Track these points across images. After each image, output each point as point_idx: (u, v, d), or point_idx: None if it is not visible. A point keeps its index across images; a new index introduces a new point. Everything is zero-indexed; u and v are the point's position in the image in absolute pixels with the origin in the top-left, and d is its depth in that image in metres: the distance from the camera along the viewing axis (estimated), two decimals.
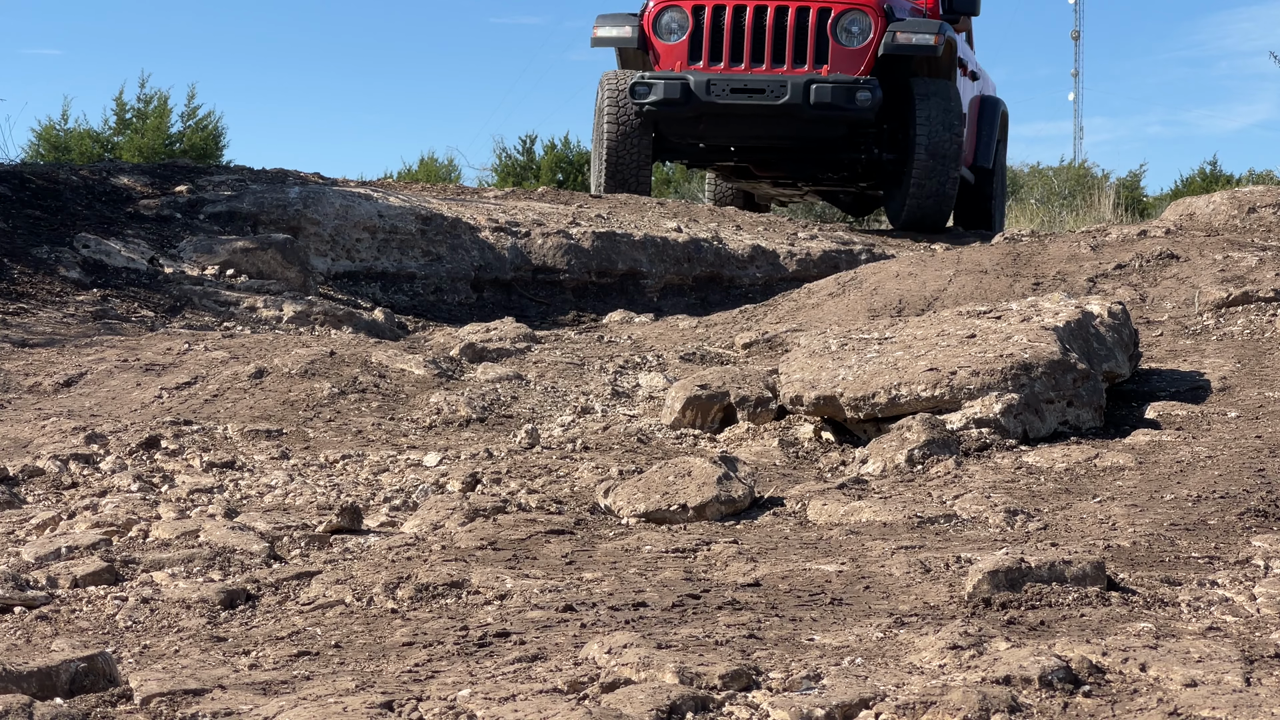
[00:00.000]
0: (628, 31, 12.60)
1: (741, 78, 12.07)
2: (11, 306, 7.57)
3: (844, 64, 12.21)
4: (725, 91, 12.03)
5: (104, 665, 2.79)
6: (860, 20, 12.32)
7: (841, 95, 11.84)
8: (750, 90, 12.04)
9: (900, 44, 12.29)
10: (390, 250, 10.30)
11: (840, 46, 12.24)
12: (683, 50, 12.36)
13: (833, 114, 12.00)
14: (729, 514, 4.27)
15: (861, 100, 11.90)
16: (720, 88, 12.03)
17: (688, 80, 12.03)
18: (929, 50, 12.35)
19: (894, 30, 12.27)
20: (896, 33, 12.26)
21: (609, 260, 10.79)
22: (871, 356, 5.34)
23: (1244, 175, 18.78)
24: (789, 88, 11.91)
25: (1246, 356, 6.13)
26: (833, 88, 11.86)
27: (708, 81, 12.01)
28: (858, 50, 12.28)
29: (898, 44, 12.29)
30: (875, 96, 11.90)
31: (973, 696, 2.43)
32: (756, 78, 12.07)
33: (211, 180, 10.66)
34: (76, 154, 15.00)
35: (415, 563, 3.65)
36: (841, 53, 12.24)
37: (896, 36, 12.27)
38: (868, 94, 11.90)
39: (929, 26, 12.47)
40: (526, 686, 2.60)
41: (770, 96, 11.96)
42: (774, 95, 11.94)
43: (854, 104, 11.86)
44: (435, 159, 19.58)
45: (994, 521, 4.04)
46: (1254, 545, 3.61)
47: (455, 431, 5.59)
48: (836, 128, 12.41)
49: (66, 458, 5.06)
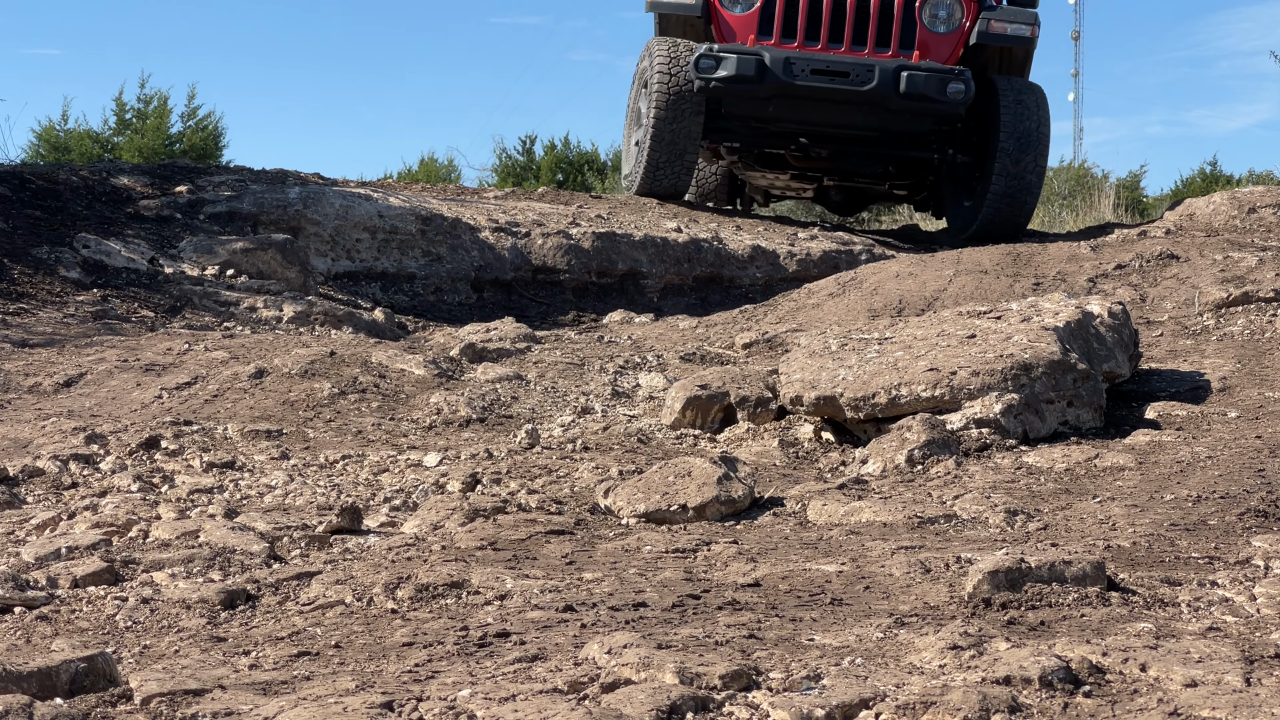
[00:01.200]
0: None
1: (824, 58, 10.86)
2: (11, 307, 7.57)
3: (931, 51, 11.08)
4: (806, 72, 10.81)
5: (104, 665, 2.79)
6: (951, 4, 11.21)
7: (934, 85, 10.68)
8: (834, 73, 10.83)
9: (994, 33, 11.20)
10: (390, 250, 10.31)
11: (928, 31, 11.11)
12: (752, 22, 11.16)
13: (922, 106, 10.86)
14: (729, 514, 4.27)
15: (953, 93, 10.76)
16: (801, 67, 10.80)
17: (763, 56, 10.79)
18: (1025, 42, 11.34)
19: (987, 18, 11.16)
20: (991, 20, 11.16)
21: (609, 260, 10.79)
22: (871, 357, 5.34)
23: (1244, 175, 18.77)
24: (877, 73, 10.73)
25: (1246, 356, 6.13)
26: (925, 76, 10.67)
27: (786, 60, 10.79)
28: (947, 37, 11.18)
29: (992, 33, 11.20)
30: (969, 90, 10.78)
31: (973, 696, 2.43)
32: (841, 59, 10.86)
33: (211, 180, 10.66)
34: (76, 154, 15.00)
35: (415, 563, 3.65)
36: (929, 39, 11.11)
37: (991, 25, 11.17)
38: (961, 86, 10.75)
39: (1025, 16, 11.30)
40: (526, 686, 2.60)
41: (855, 81, 10.78)
42: (860, 80, 10.76)
43: (945, 96, 10.72)
44: (435, 159, 19.58)
45: (994, 521, 4.04)
46: (1254, 545, 3.61)
47: (455, 432, 5.59)
48: (921, 121, 11.25)
49: (66, 458, 5.05)
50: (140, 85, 17.79)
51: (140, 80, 21.91)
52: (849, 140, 11.97)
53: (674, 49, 11.41)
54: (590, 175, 18.65)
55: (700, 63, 10.86)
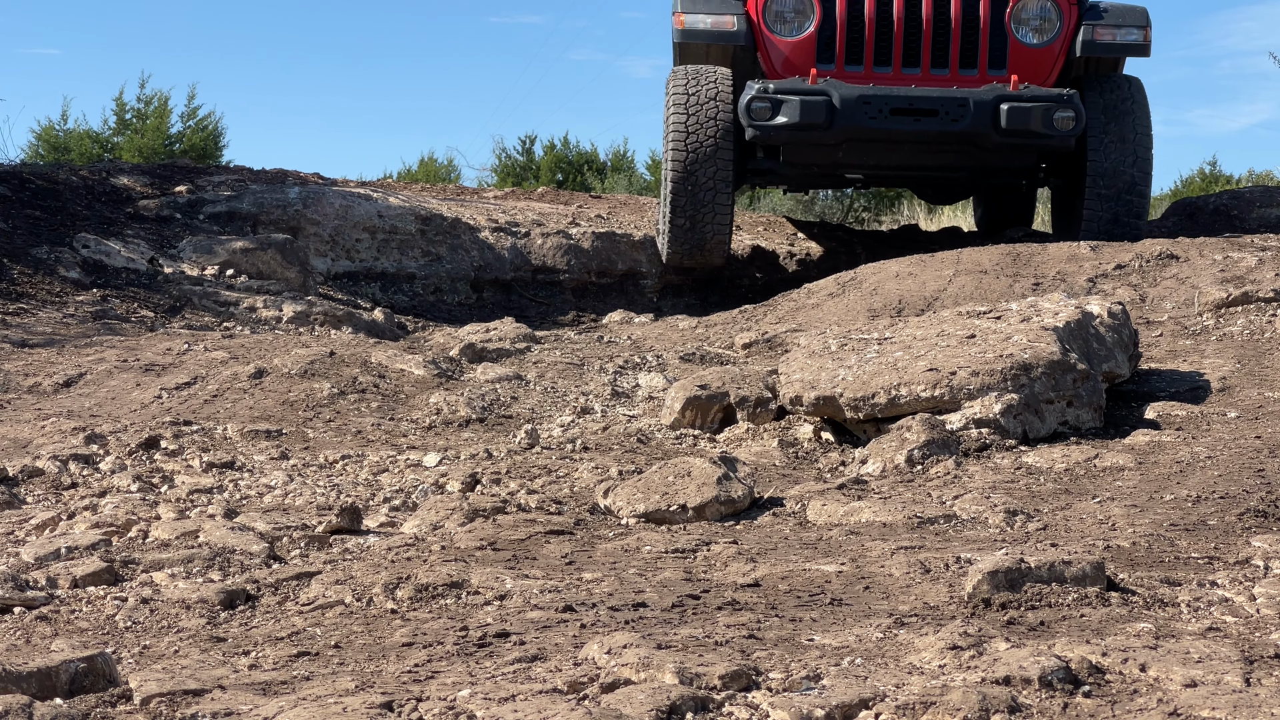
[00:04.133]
0: (730, 24, 9.33)
1: (906, 94, 8.85)
2: (11, 307, 7.57)
3: (1027, 69, 9.20)
4: (885, 113, 8.82)
5: (104, 665, 2.79)
6: (1048, 10, 9.25)
7: (1040, 118, 8.77)
8: (919, 111, 8.85)
9: (1103, 42, 9.32)
10: (390, 250, 10.31)
11: (1021, 45, 9.21)
12: (809, 47, 9.18)
13: (1026, 142, 8.98)
14: (729, 514, 4.27)
15: (1062, 122, 8.81)
16: (878, 106, 8.80)
17: (830, 95, 8.79)
18: (1139, 50, 9.42)
19: (1091, 24, 9.29)
20: (1096, 28, 9.27)
21: (609, 260, 10.80)
22: (871, 357, 5.34)
23: (1244, 175, 18.77)
24: (971, 107, 8.77)
25: (1246, 357, 6.13)
26: (1030, 108, 8.76)
27: (860, 98, 8.79)
28: (1045, 50, 9.27)
29: (1100, 42, 9.31)
30: (1080, 119, 8.85)
31: (973, 697, 2.43)
32: (927, 95, 8.86)
33: (211, 180, 10.66)
34: (76, 154, 14.99)
35: (415, 563, 3.65)
36: (1024, 54, 9.22)
37: (1097, 33, 9.26)
38: (1070, 114, 8.81)
39: (1134, 15, 9.40)
40: (526, 687, 2.60)
41: (946, 120, 8.81)
42: (952, 118, 8.80)
43: (1054, 130, 8.80)
44: (435, 159, 19.57)
45: (994, 522, 4.04)
46: (1254, 545, 3.60)
47: (455, 432, 5.59)
48: (1024, 157, 9.36)
49: (66, 458, 5.05)
50: (140, 85, 17.80)
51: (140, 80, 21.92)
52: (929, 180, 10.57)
53: (692, 82, 9.35)
54: (590, 175, 18.65)
55: (753, 107, 8.86)
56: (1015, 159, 9.35)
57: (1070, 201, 9.70)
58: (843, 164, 9.50)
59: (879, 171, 10.01)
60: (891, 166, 9.69)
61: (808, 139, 9.03)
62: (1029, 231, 11.11)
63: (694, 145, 9.17)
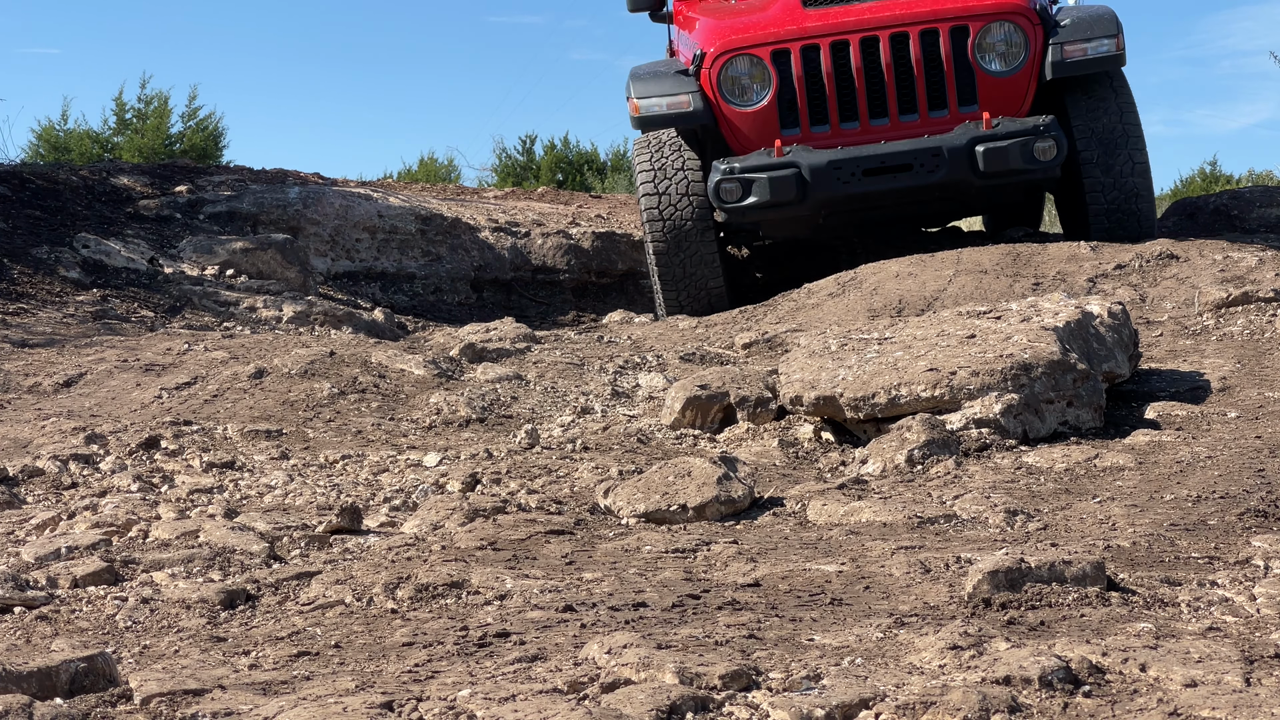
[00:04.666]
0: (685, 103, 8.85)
1: (875, 153, 8.48)
2: (11, 306, 7.57)
3: (998, 99, 8.75)
4: (857, 175, 8.46)
5: (104, 665, 2.79)
6: (1011, 34, 8.81)
7: (1019, 154, 8.37)
8: (892, 169, 8.51)
9: (1073, 60, 8.82)
10: (390, 250, 10.31)
11: (988, 76, 8.77)
12: (770, 115, 8.75)
13: (1008, 180, 8.63)
14: (729, 514, 4.27)
15: (1043, 153, 8.42)
16: (849, 170, 8.44)
17: (799, 167, 8.42)
18: (1113, 62, 8.92)
19: (1058, 43, 8.79)
20: (1064, 46, 8.78)
21: (609, 260, 10.80)
22: (871, 357, 5.34)
23: (1244, 175, 18.78)
24: (946, 155, 8.42)
25: (1246, 356, 6.13)
26: (1007, 146, 8.36)
27: (830, 165, 8.42)
28: (1014, 78, 8.82)
29: (1070, 61, 8.81)
30: (1061, 147, 8.44)
31: (973, 697, 2.43)
32: (897, 150, 8.49)
33: (211, 180, 10.67)
34: (76, 154, 14.99)
35: (415, 563, 3.65)
36: (992, 85, 8.77)
37: (1065, 51, 8.77)
38: (1050, 144, 8.42)
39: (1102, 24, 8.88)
40: (526, 686, 2.60)
41: (923, 173, 8.47)
42: (928, 170, 8.46)
43: (1036, 163, 8.42)
44: (435, 159, 19.57)
45: (994, 522, 4.04)
46: (1254, 545, 3.61)
47: (455, 432, 5.59)
48: (1010, 194, 9.20)
49: (66, 458, 5.06)
50: (140, 85, 17.79)
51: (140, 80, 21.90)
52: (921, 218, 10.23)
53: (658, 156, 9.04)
54: (590, 175, 18.65)
55: (722, 189, 8.49)
56: (1001, 196, 9.18)
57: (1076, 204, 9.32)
58: (825, 229, 9.30)
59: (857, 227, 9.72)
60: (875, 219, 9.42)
61: (783, 215, 8.75)
62: (1029, 231, 11.08)
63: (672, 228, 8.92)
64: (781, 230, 9.24)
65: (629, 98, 9.02)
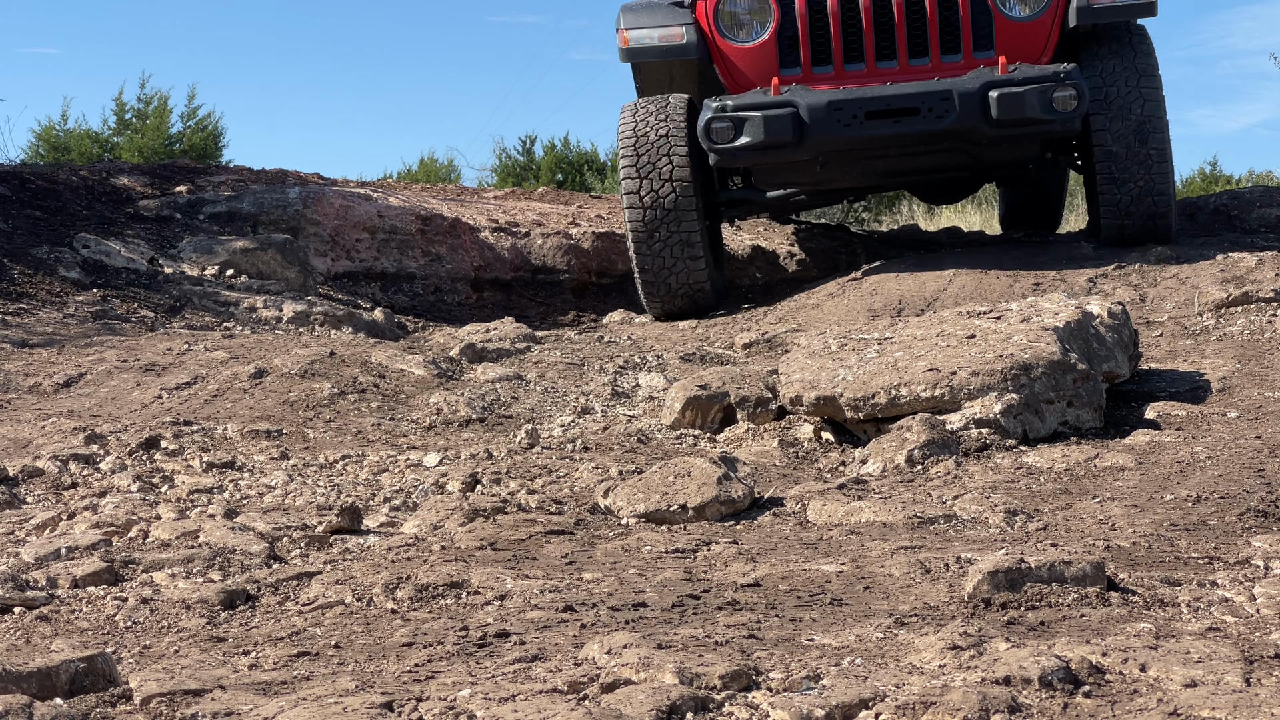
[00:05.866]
0: (678, 35, 8.31)
1: (880, 93, 7.88)
2: (11, 307, 7.57)
3: (1017, 46, 8.13)
4: (859, 119, 7.84)
5: (104, 665, 2.79)
6: None
7: (1036, 101, 7.75)
8: (897, 112, 7.88)
9: (1101, 6, 8.18)
10: (390, 250, 10.31)
11: (1007, 20, 8.16)
12: (770, 52, 8.20)
13: (1024, 131, 8.01)
14: (729, 514, 4.27)
15: (1063, 103, 7.80)
16: (851, 112, 7.83)
17: (797, 106, 7.84)
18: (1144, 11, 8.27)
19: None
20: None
21: (609, 260, 10.79)
22: (871, 357, 5.34)
23: (1244, 175, 18.77)
24: (956, 100, 7.80)
25: (1246, 357, 6.13)
26: (1024, 93, 7.75)
27: (829, 105, 7.81)
28: (1035, 23, 8.22)
29: (1096, 7, 8.18)
30: (1082, 97, 7.82)
31: (973, 697, 2.43)
32: (903, 92, 7.88)
33: (211, 180, 10.67)
34: (76, 154, 14.99)
35: (415, 563, 3.65)
36: (1011, 30, 8.16)
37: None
38: (1070, 92, 7.80)
39: None
40: (526, 686, 2.60)
41: (931, 118, 7.84)
42: (936, 115, 7.82)
43: (1054, 113, 7.80)
44: (435, 159, 19.55)
45: (994, 522, 4.04)
46: (1254, 545, 3.61)
47: (455, 432, 5.59)
48: (1026, 147, 8.40)
49: (66, 458, 5.05)
50: (140, 85, 17.78)
51: (140, 80, 21.90)
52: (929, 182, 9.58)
53: (642, 116, 8.34)
54: (590, 175, 18.64)
55: (713, 129, 7.88)
56: (1016, 151, 8.38)
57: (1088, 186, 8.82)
58: (824, 180, 8.55)
59: (867, 182, 9.03)
60: (879, 175, 8.73)
61: (779, 159, 8.09)
62: (1030, 232, 11.08)
63: (651, 203, 8.17)
64: (776, 179, 8.52)
65: (618, 29, 8.41)
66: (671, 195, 8.19)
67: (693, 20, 8.34)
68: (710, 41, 8.33)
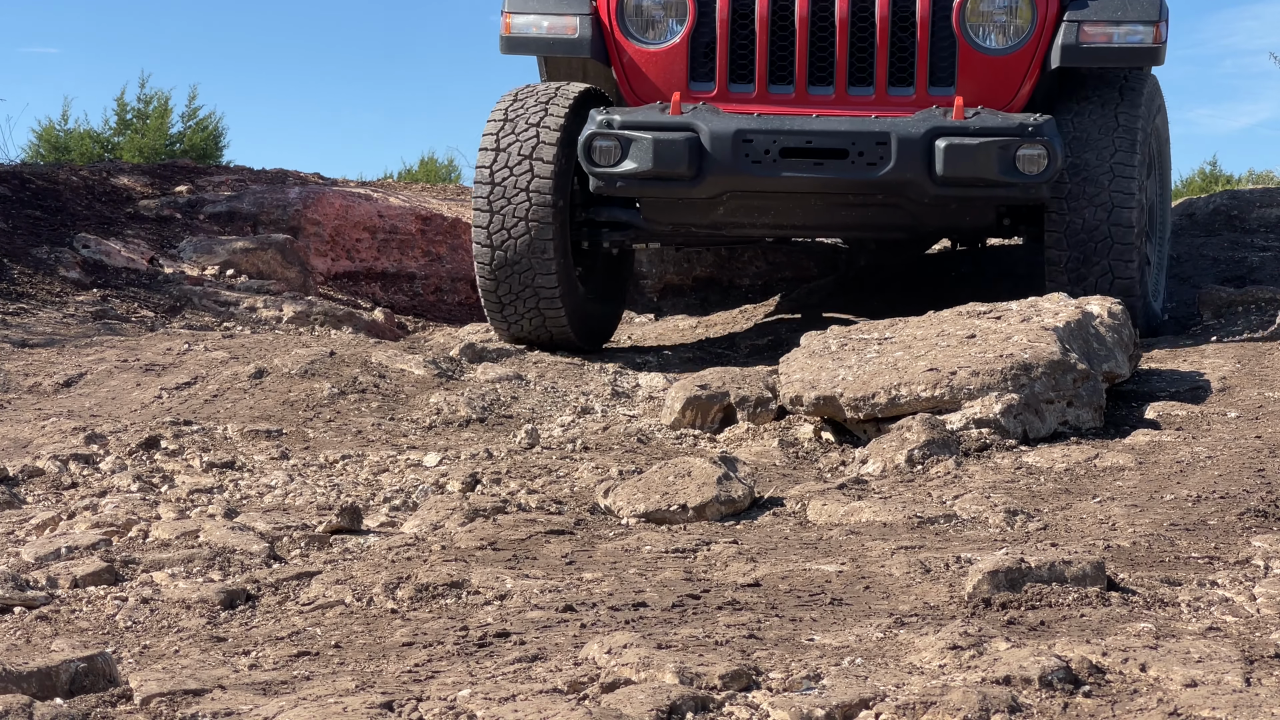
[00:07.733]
0: (570, 27, 6.69)
1: (801, 126, 6.24)
2: (11, 306, 7.57)
3: (985, 85, 6.46)
4: (772, 155, 6.19)
5: (104, 665, 2.79)
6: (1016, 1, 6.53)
7: (993, 159, 6.10)
8: (819, 152, 6.22)
9: (1090, 46, 6.51)
10: (390, 250, 10.31)
11: (976, 52, 6.49)
12: (679, 59, 6.57)
13: (976, 193, 6.29)
14: (729, 514, 4.27)
15: (1028, 163, 6.12)
16: (763, 146, 6.19)
17: (698, 131, 6.21)
18: (1145, 57, 6.60)
19: (1076, 20, 6.49)
20: (1083, 25, 6.46)
21: None
22: (871, 357, 5.34)
23: (1244, 175, 18.77)
24: (894, 146, 6.13)
25: (1246, 356, 6.13)
26: (981, 145, 6.09)
27: (737, 134, 6.19)
28: (1010, 58, 6.53)
29: (1085, 47, 6.50)
30: (1053, 156, 6.12)
31: (973, 696, 2.43)
32: (831, 128, 6.24)
33: (211, 180, 10.66)
34: (76, 154, 14.97)
35: (415, 563, 3.65)
36: (980, 65, 6.49)
37: (1084, 33, 6.45)
38: (1040, 151, 6.12)
39: (1139, 6, 6.52)
40: (526, 686, 2.60)
41: (860, 165, 6.18)
42: (867, 162, 6.17)
43: (1015, 175, 6.12)
44: (435, 159, 19.54)
45: (994, 521, 4.04)
46: (1254, 545, 3.61)
47: (455, 432, 5.59)
48: (978, 212, 6.60)
49: (66, 458, 5.05)
50: (141, 85, 17.75)
51: (141, 80, 21.87)
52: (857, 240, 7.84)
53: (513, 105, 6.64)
54: None
55: (594, 146, 6.26)
56: (964, 216, 6.58)
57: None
58: (726, 225, 6.68)
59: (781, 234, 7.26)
60: (792, 227, 6.89)
61: (669, 193, 6.40)
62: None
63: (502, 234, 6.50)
64: (665, 216, 6.64)
65: (503, 11, 6.78)
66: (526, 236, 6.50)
67: (591, 10, 6.68)
68: (609, 37, 6.67)
